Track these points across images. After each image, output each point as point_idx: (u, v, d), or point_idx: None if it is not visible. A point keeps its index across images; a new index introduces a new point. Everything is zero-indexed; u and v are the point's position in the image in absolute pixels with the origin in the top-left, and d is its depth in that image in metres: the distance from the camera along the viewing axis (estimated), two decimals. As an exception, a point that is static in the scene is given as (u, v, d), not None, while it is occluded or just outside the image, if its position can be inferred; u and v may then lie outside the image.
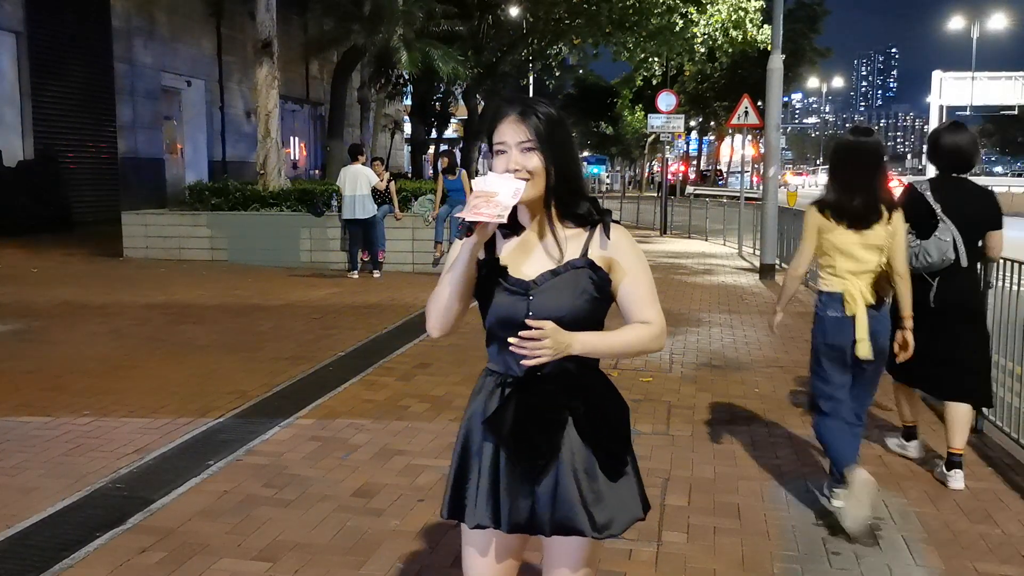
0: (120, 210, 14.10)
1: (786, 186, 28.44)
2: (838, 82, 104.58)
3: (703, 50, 22.19)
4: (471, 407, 2.05)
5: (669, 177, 26.78)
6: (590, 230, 1.97)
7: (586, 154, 54.13)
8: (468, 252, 1.92)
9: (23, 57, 16.80)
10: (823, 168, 48.06)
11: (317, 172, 26.68)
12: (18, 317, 8.18)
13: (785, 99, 47.57)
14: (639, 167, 63.15)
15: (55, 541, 3.41)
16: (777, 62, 12.26)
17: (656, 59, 23.67)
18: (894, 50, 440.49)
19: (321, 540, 3.47)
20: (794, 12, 41.64)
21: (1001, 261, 4.74)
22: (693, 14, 20.63)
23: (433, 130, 28.27)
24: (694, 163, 62.45)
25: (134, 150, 19.91)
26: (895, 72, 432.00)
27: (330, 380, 5.99)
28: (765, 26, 20.32)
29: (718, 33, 21.09)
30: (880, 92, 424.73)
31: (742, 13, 20.75)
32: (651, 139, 40.92)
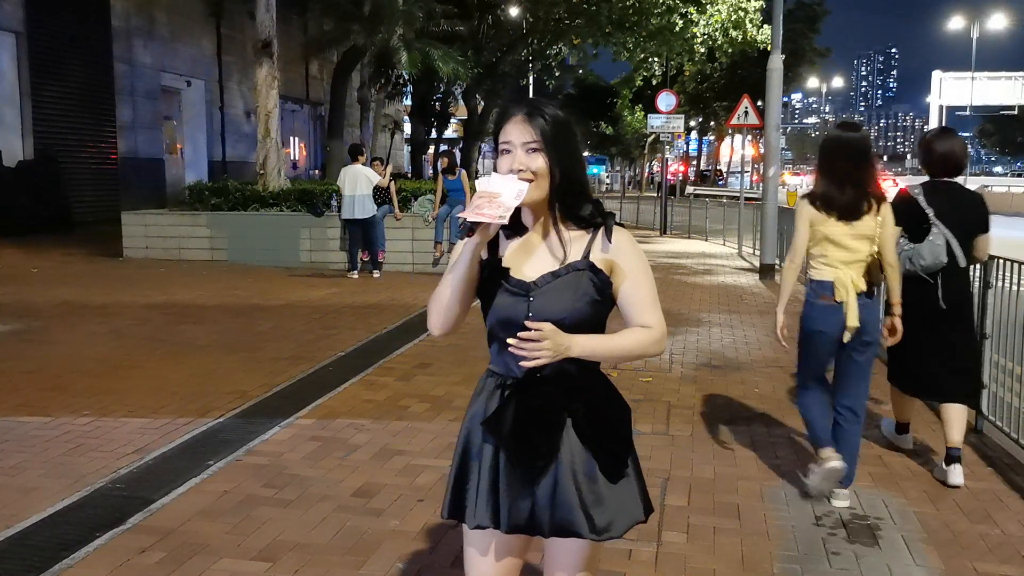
0: (120, 210, 14.09)
1: (784, 186, 28.48)
2: (838, 82, 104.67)
3: (703, 50, 22.19)
4: (472, 408, 2.05)
5: (669, 177, 26.77)
6: (593, 232, 1.97)
7: (586, 154, 53.97)
8: (470, 252, 1.92)
9: (23, 57, 16.79)
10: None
11: (317, 172, 26.66)
12: (18, 317, 8.18)
13: (785, 99, 47.57)
14: (639, 167, 63.14)
15: (55, 541, 3.41)
16: (777, 62, 12.26)
17: (656, 59, 23.69)
18: (894, 50, 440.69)
19: (321, 540, 3.47)
20: (794, 12, 41.67)
21: (1001, 261, 4.77)
22: (693, 14, 20.64)
23: (433, 130, 28.25)
24: (693, 163, 62.46)
25: (134, 150, 19.91)
26: (895, 72, 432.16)
27: (330, 380, 5.99)
28: (765, 26, 20.34)
29: (718, 33, 21.09)
30: (880, 92, 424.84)
31: (742, 13, 20.76)
32: (651, 139, 40.90)
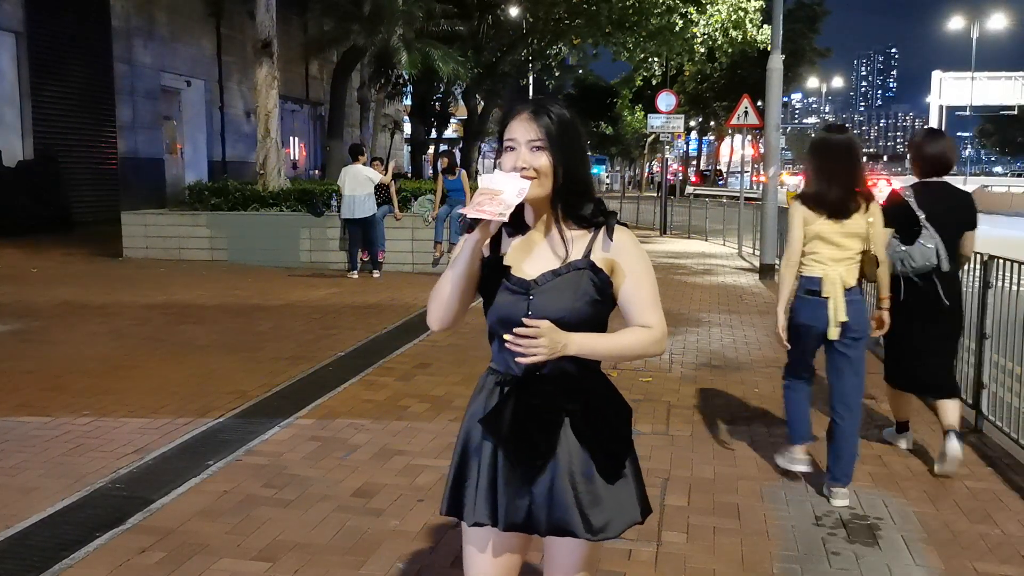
0: (120, 210, 14.08)
1: (783, 186, 28.52)
2: (838, 82, 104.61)
3: (703, 50, 22.19)
4: (472, 406, 2.05)
5: (669, 177, 26.79)
6: (595, 232, 1.97)
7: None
8: (470, 249, 1.92)
9: (23, 57, 16.79)
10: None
11: (317, 172, 26.66)
12: (18, 317, 8.18)
13: (785, 99, 47.58)
14: (639, 167, 63.15)
15: (55, 541, 3.41)
16: (777, 62, 12.26)
17: (656, 59, 23.68)
18: (894, 50, 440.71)
19: (321, 540, 3.47)
20: (794, 12, 41.67)
21: (1001, 261, 4.78)
22: (693, 14, 20.64)
23: (433, 130, 28.25)
24: (693, 163, 62.45)
25: (134, 150, 19.91)
26: (895, 72, 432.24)
27: (330, 380, 5.99)
28: (765, 26, 20.33)
29: (718, 33, 21.09)
30: (880, 92, 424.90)
31: (742, 13, 20.76)
32: (651, 139, 40.91)
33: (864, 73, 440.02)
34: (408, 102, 28.60)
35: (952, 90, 60.10)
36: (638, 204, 25.72)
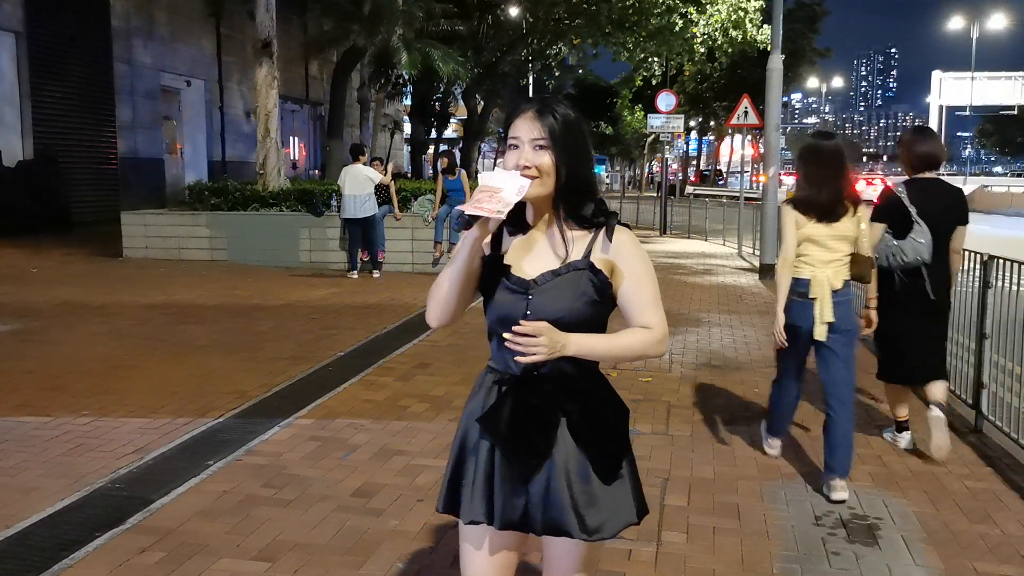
0: (120, 210, 14.09)
1: (783, 186, 28.53)
2: (838, 82, 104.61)
3: (703, 50, 22.19)
4: (470, 404, 2.05)
5: (669, 177, 26.78)
6: (595, 232, 1.97)
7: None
8: (469, 246, 1.92)
9: (23, 57, 16.79)
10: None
11: (317, 172, 26.67)
12: (18, 317, 8.18)
13: (785, 99, 47.55)
14: (639, 167, 63.15)
15: (54, 541, 3.41)
16: (777, 62, 12.26)
17: (656, 59, 23.67)
18: (894, 50, 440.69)
19: (321, 540, 3.47)
20: (794, 12, 41.66)
21: (1001, 261, 4.79)
22: (693, 14, 20.64)
23: (433, 130, 28.24)
24: (693, 164, 62.44)
25: (134, 150, 19.91)
26: (895, 72, 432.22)
27: (330, 380, 5.99)
28: (765, 26, 20.33)
29: (718, 33, 21.09)
30: (880, 92, 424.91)
31: (742, 13, 20.76)
32: (651, 139, 40.91)
33: (864, 73, 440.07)
34: (408, 102, 28.60)
35: (952, 90, 60.11)
36: (638, 204, 25.72)
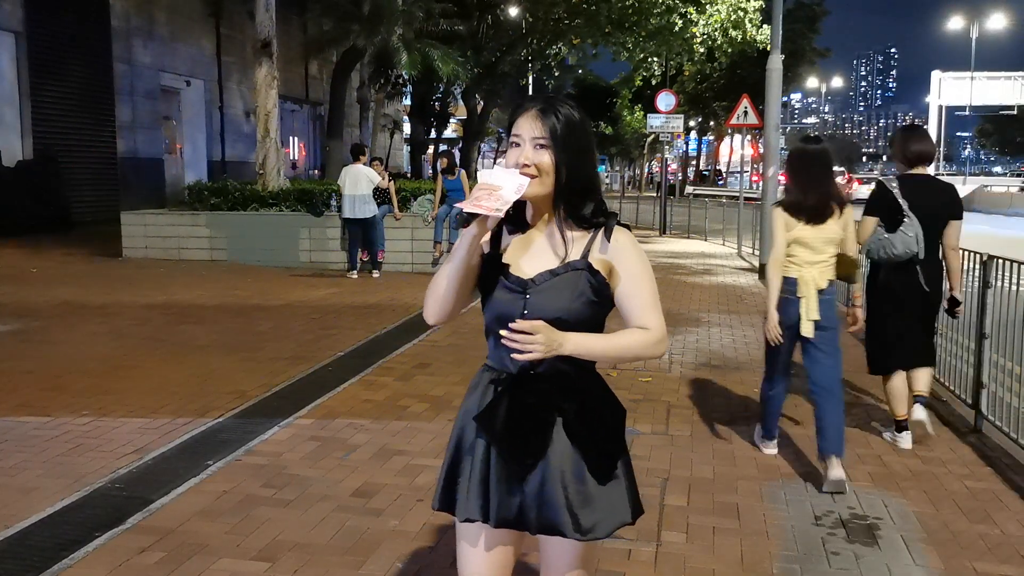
0: (120, 210, 14.09)
1: (781, 186, 28.52)
2: (837, 82, 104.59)
3: (702, 50, 22.21)
4: (466, 402, 2.06)
5: (669, 177, 26.78)
6: (595, 232, 1.97)
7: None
8: (467, 244, 1.92)
9: (23, 57, 16.80)
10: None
11: (316, 172, 26.67)
12: (18, 317, 8.18)
13: (784, 99, 47.60)
14: (638, 167, 63.15)
15: (54, 541, 3.41)
16: (776, 62, 12.25)
17: (655, 59, 23.67)
18: (893, 50, 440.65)
19: (320, 540, 3.47)
20: (794, 12, 41.66)
21: (1000, 261, 4.80)
22: (692, 14, 20.65)
23: (432, 130, 28.24)
24: (692, 164, 62.44)
25: (133, 150, 19.91)
26: (894, 72, 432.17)
27: (329, 380, 5.99)
28: (764, 26, 20.35)
29: (717, 33, 21.10)
30: (879, 92, 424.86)
31: (741, 13, 20.77)
32: (650, 139, 40.91)
33: (864, 73, 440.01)
34: (408, 102, 28.60)
35: (952, 90, 60.05)
36: (637, 204, 25.72)
